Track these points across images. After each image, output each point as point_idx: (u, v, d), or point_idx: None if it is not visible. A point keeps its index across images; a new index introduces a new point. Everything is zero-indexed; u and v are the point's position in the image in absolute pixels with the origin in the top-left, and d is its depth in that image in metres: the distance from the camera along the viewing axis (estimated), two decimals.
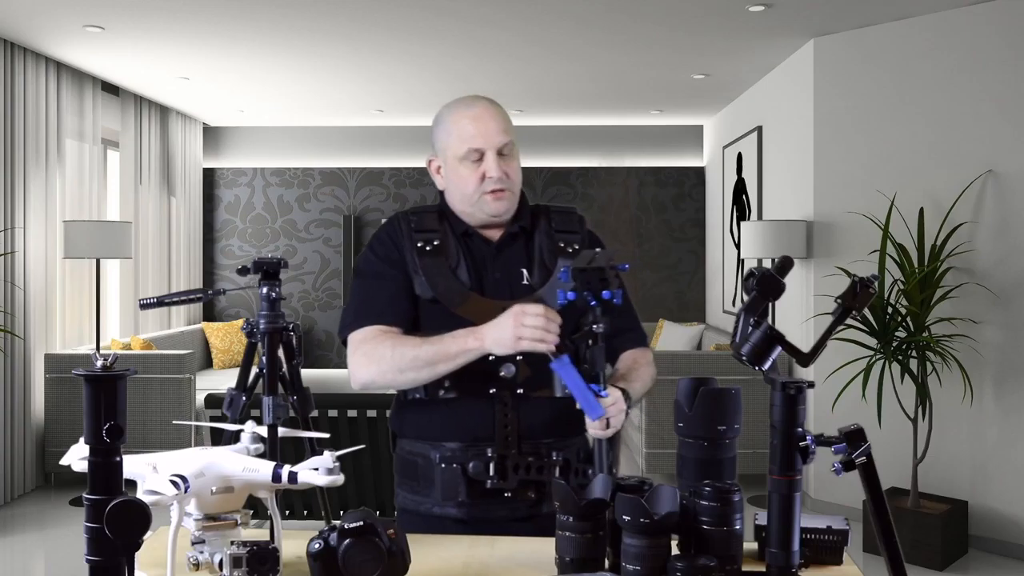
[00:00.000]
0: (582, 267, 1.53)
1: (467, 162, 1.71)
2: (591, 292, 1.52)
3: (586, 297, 1.52)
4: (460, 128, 1.72)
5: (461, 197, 1.74)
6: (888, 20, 4.48)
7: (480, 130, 1.71)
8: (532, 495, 1.68)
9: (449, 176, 1.76)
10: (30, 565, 4.07)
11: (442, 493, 1.67)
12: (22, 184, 4.96)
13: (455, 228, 1.76)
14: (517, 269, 1.73)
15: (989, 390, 4.13)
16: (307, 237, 7.85)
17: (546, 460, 1.67)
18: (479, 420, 1.67)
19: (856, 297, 1.15)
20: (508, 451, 1.66)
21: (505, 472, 1.65)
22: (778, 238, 4.80)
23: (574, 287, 1.52)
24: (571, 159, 7.91)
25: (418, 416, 1.73)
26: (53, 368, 5.08)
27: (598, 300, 1.53)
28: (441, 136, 1.76)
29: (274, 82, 6.01)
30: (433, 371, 1.64)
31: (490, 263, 1.75)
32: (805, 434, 1.14)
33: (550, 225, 1.80)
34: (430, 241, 1.73)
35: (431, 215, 1.78)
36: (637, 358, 1.84)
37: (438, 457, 1.68)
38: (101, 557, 1.01)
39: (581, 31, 4.71)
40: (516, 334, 1.54)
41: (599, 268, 1.53)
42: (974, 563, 3.98)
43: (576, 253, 1.75)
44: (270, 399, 1.38)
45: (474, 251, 1.75)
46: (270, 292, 1.41)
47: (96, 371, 1.02)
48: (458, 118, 1.73)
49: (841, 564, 1.32)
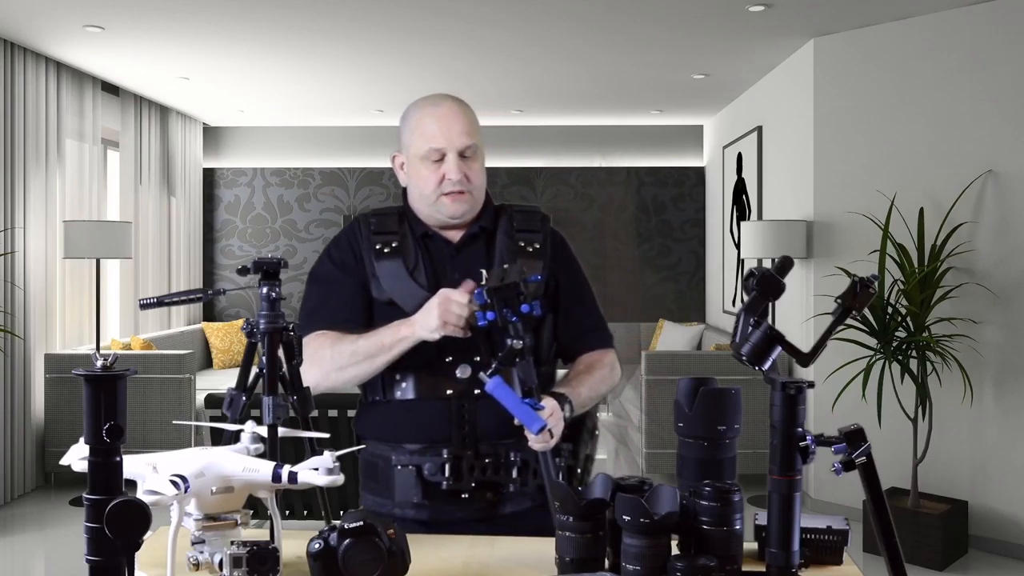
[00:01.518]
0: (495, 286, 1.55)
1: (428, 162, 1.70)
2: (510, 309, 1.54)
3: (506, 315, 1.54)
4: (423, 127, 1.70)
5: (420, 196, 1.73)
6: (888, 20, 4.47)
7: (443, 130, 1.69)
8: (490, 496, 1.67)
9: (411, 174, 1.75)
10: (30, 565, 4.07)
11: (399, 495, 1.67)
12: (22, 184, 4.96)
13: (415, 229, 1.76)
14: (476, 270, 1.71)
15: (989, 390, 4.13)
16: (307, 237, 7.85)
17: (503, 461, 1.67)
18: (436, 422, 1.67)
19: (856, 297, 1.15)
20: (464, 452, 1.65)
21: (460, 473, 1.65)
22: (778, 238, 4.80)
23: (492, 307, 1.54)
24: (571, 159, 7.91)
25: (378, 418, 1.73)
26: (53, 368, 5.08)
27: (518, 315, 1.54)
28: (405, 133, 1.75)
29: (274, 82, 6.01)
30: (373, 364, 1.65)
31: (449, 264, 1.74)
32: (805, 434, 1.14)
33: (512, 225, 1.79)
34: (388, 243, 1.73)
35: (391, 217, 1.77)
36: (595, 361, 1.81)
37: (395, 459, 1.68)
38: (101, 557, 1.01)
39: (581, 31, 4.71)
40: (441, 319, 1.56)
41: (513, 284, 1.54)
42: (974, 563, 3.98)
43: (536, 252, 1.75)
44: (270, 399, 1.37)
45: (433, 252, 1.75)
46: (270, 292, 1.40)
47: (96, 371, 1.02)
48: (422, 116, 1.72)
49: (841, 564, 1.32)
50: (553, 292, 1.79)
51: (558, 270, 1.80)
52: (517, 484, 1.68)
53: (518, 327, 1.55)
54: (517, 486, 1.68)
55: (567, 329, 1.81)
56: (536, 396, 1.56)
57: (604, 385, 1.80)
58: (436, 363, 1.67)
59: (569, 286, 1.82)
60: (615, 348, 1.88)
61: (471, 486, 1.65)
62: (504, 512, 1.68)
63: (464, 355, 1.65)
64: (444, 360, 1.66)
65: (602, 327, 1.86)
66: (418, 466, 1.66)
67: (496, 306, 1.54)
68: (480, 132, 1.76)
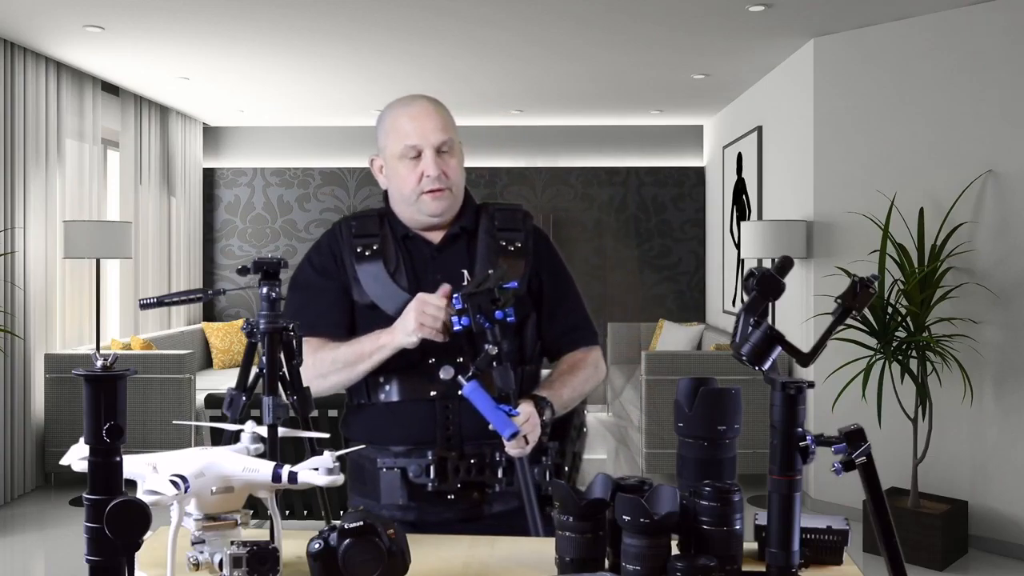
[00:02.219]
0: (471, 292, 1.56)
1: (405, 160, 1.70)
2: (483, 315, 1.55)
3: (479, 320, 1.55)
4: (398, 126, 1.71)
5: (400, 197, 1.73)
6: (888, 20, 4.48)
7: (417, 128, 1.69)
8: (476, 496, 1.68)
9: (390, 176, 1.75)
10: (30, 565, 4.07)
11: (385, 496, 1.67)
12: (22, 184, 4.96)
13: (396, 231, 1.76)
14: (457, 271, 1.72)
15: (989, 390, 4.13)
16: (307, 237, 7.85)
17: (487, 461, 1.67)
18: (421, 423, 1.68)
19: (856, 297, 1.15)
20: (449, 453, 1.65)
21: (445, 474, 1.65)
22: (778, 238, 4.80)
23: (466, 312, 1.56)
24: (571, 159, 7.91)
25: (363, 420, 1.74)
26: (53, 368, 5.08)
27: (491, 321, 1.56)
28: (381, 135, 1.76)
29: (274, 82, 6.01)
30: (353, 371, 1.66)
31: (430, 265, 1.74)
32: (805, 434, 1.14)
33: (493, 224, 1.78)
34: (369, 246, 1.73)
35: (372, 219, 1.77)
36: (579, 360, 1.81)
37: (380, 461, 1.68)
38: (101, 557, 1.01)
39: (581, 31, 4.71)
40: (417, 321, 1.57)
41: (489, 290, 1.56)
42: (974, 563, 3.98)
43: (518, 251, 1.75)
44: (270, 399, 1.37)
45: (414, 254, 1.74)
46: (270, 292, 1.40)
47: (96, 371, 1.02)
48: (396, 116, 1.73)
49: (841, 564, 1.32)
50: (537, 290, 1.79)
51: (541, 268, 1.80)
52: (503, 484, 1.68)
53: (495, 332, 1.56)
54: (503, 486, 1.69)
55: (551, 328, 1.81)
56: (513, 402, 1.57)
57: (588, 384, 1.80)
58: (419, 365, 1.67)
59: (552, 284, 1.82)
60: (600, 345, 1.89)
61: (456, 487, 1.66)
62: (491, 512, 1.69)
63: (447, 356, 1.66)
64: (427, 362, 1.66)
65: (586, 325, 1.86)
66: (403, 468, 1.66)
67: (470, 311, 1.56)
68: (456, 129, 1.76)
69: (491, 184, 7.79)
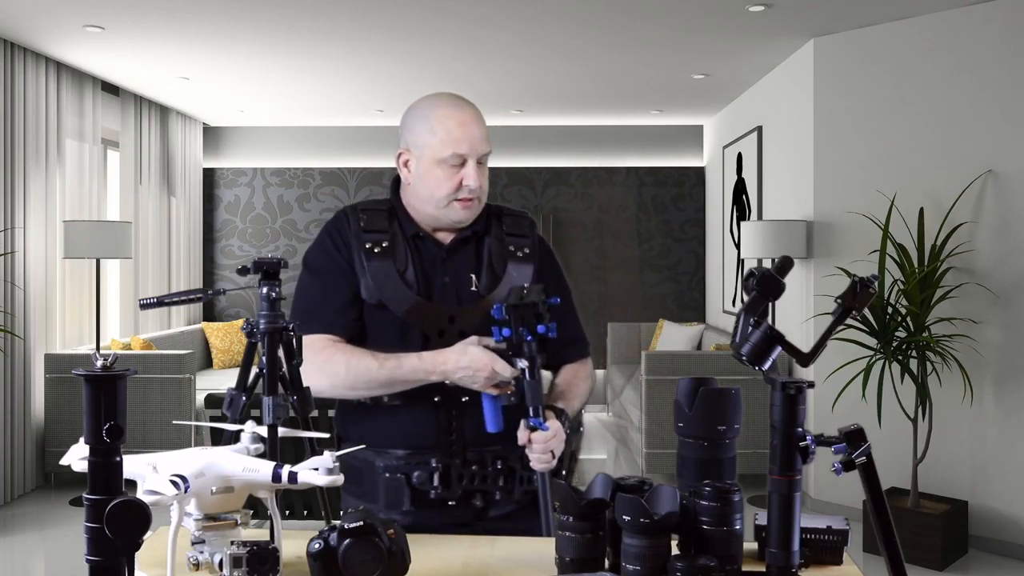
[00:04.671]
0: (515, 303, 1.56)
1: (445, 166, 1.66)
2: (526, 328, 1.56)
3: (522, 333, 1.55)
4: (448, 129, 1.66)
5: (428, 197, 1.70)
6: (888, 20, 4.48)
7: (467, 136, 1.66)
8: (478, 503, 1.68)
9: (421, 175, 1.70)
10: (30, 565, 4.07)
11: (386, 502, 1.66)
12: (22, 184, 4.96)
13: (405, 229, 1.73)
14: (466, 274, 1.71)
15: (989, 390, 4.13)
16: (307, 237, 7.85)
17: (490, 469, 1.67)
18: (423, 428, 1.67)
19: (856, 297, 1.15)
20: (452, 460, 1.65)
21: (449, 481, 1.65)
22: (778, 238, 4.80)
23: (509, 323, 1.56)
24: (571, 159, 7.91)
25: (362, 422, 1.72)
26: (53, 368, 5.08)
27: (533, 335, 1.56)
28: (421, 132, 1.69)
29: (274, 82, 6.01)
30: (386, 390, 1.66)
31: (439, 267, 1.72)
32: (805, 434, 1.14)
33: (501, 228, 1.78)
34: (379, 243, 1.70)
35: (380, 215, 1.74)
36: (576, 373, 1.84)
37: (382, 466, 1.67)
38: (101, 557, 1.01)
39: (581, 31, 4.71)
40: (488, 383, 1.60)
41: (532, 303, 1.56)
42: (974, 563, 3.99)
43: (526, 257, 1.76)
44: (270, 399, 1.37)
45: (423, 254, 1.73)
46: (270, 292, 1.40)
47: (96, 371, 1.02)
48: (443, 118, 1.67)
49: (841, 564, 1.32)
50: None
51: (545, 278, 1.79)
52: (504, 492, 1.69)
53: (532, 347, 1.56)
54: (504, 493, 1.69)
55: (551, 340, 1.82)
56: (542, 416, 1.58)
57: (587, 396, 1.85)
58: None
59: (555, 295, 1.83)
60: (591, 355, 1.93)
61: (459, 494, 1.66)
62: (490, 516, 1.69)
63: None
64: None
65: (581, 337, 1.88)
66: (406, 474, 1.65)
67: (513, 324, 1.55)
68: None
69: (491, 184, 7.75)
